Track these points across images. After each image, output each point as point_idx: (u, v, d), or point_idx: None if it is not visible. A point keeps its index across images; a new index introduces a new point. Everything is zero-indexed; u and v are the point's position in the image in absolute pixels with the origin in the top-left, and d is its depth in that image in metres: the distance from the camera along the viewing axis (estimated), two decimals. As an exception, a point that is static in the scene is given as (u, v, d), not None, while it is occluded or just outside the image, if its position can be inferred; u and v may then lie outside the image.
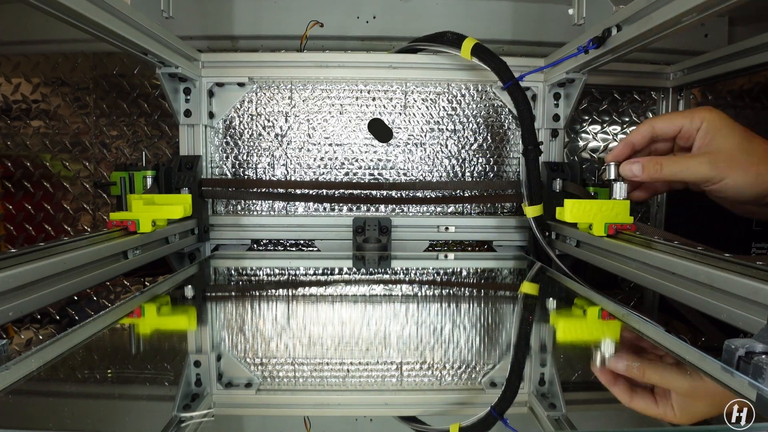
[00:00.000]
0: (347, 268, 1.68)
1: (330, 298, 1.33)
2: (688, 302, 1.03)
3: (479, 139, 1.98)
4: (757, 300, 0.84)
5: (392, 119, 1.96)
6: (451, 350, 0.97)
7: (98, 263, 1.20)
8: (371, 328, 1.11)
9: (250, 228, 1.94)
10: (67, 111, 2.19)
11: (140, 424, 0.69)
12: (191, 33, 2.10)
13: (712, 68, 1.92)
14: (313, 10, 2.06)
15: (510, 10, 2.14)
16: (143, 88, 2.18)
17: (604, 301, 1.15)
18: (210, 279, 1.57)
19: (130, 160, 2.19)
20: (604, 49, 1.43)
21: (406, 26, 2.11)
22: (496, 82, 1.82)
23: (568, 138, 2.22)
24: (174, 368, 0.87)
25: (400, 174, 1.98)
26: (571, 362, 0.92)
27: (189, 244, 1.75)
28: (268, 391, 0.79)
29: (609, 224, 1.38)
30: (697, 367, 0.78)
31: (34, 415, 0.68)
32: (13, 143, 2.20)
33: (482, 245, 2.11)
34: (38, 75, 2.18)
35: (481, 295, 1.42)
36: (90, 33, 1.26)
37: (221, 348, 0.97)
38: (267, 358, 0.92)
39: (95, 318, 0.97)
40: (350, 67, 1.90)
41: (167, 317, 1.16)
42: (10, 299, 0.92)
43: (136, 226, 1.42)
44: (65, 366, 0.82)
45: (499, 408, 0.74)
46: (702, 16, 1.12)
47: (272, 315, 1.20)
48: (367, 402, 0.79)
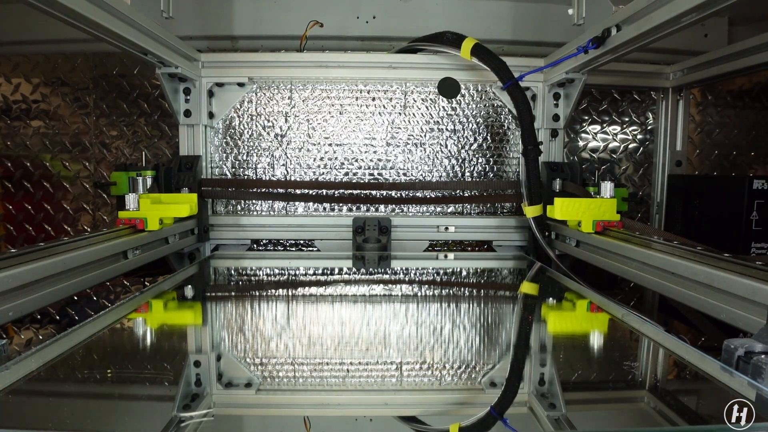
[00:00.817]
0: (347, 268, 1.68)
1: (330, 298, 1.33)
2: (687, 302, 1.03)
3: (479, 139, 1.98)
4: (756, 300, 0.84)
5: (392, 119, 1.97)
6: (451, 350, 0.97)
7: (98, 263, 1.20)
8: (371, 328, 1.11)
9: (250, 228, 1.94)
10: (67, 111, 2.19)
11: (140, 424, 0.69)
12: (191, 33, 2.10)
13: (711, 68, 1.92)
14: (313, 11, 2.06)
15: (510, 10, 2.14)
16: (143, 88, 2.18)
17: (604, 301, 1.15)
18: (210, 279, 1.57)
19: (130, 160, 2.19)
20: (604, 49, 1.43)
21: (405, 26, 2.11)
22: (495, 82, 1.82)
23: (567, 138, 2.22)
24: (174, 368, 0.87)
25: (400, 174, 1.98)
26: (570, 362, 0.92)
27: (189, 244, 1.75)
28: (268, 391, 0.79)
29: (597, 221, 1.44)
30: (696, 367, 0.78)
31: (34, 415, 0.68)
32: (13, 143, 2.20)
33: (482, 245, 2.11)
34: (38, 75, 2.18)
35: (480, 295, 1.42)
36: (90, 33, 1.26)
37: (221, 348, 0.97)
38: (267, 358, 0.92)
39: (95, 318, 0.97)
40: (350, 67, 1.90)
41: (167, 317, 1.16)
42: (10, 299, 0.92)
43: (144, 224, 1.44)
44: (65, 366, 0.82)
45: (499, 408, 0.74)
46: (702, 16, 1.13)
47: (272, 315, 1.20)
48: (367, 402, 0.79)
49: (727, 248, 1.08)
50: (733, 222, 1.79)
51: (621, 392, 0.80)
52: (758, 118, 2.32)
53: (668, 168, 2.20)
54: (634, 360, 0.93)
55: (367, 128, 1.97)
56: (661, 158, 2.22)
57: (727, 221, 1.83)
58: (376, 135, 1.97)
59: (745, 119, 2.31)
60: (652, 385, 0.81)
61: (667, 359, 0.89)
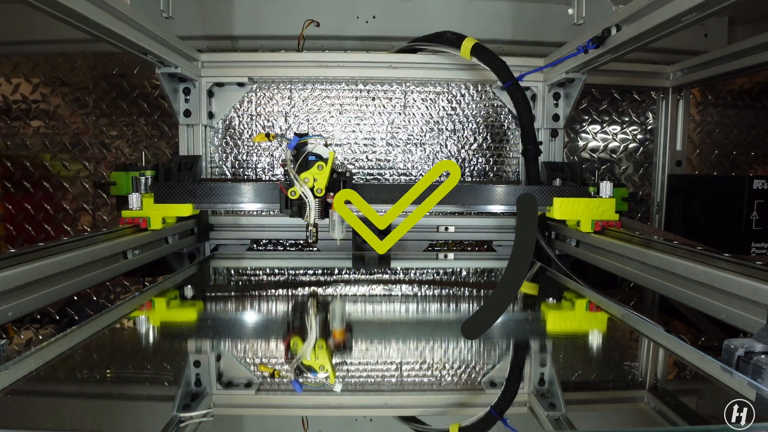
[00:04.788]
0: (347, 268, 1.68)
1: (330, 298, 1.33)
2: (688, 302, 1.03)
3: (479, 139, 1.98)
4: (756, 300, 0.84)
5: (392, 119, 1.96)
6: (450, 350, 0.97)
7: (98, 263, 1.20)
8: (371, 328, 1.11)
9: (250, 228, 1.94)
10: (66, 111, 2.19)
11: (140, 424, 0.69)
12: (191, 33, 2.10)
13: (712, 68, 1.92)
14: (312, 10, 2.06)
15: (510, 10, 2.14)
16: (143, 88, 2.18)
17: (604, 301, 1.15)
18: (210, 279, 1.57)
19: (129, 160, 2.19)
20: (604, 49, 1.43)
21: (405, 26, 2.11)
22: (495, 82, 1.82)
23: (567, 138, 2.22)
24: (174, 368, 0.87)
25: (400, 174, 1.98)
26: (570, 362, 0.92)
27: (189, 244, 1.75)
28: (268, 391, 0.79)
29: (595, 221, 1.45)
30: (696, 367, 0.78)
31: (34, 415, 0.68)
32: (13, 143, 2.19)
33: (482, 245, 2.11)
34: (38, 75, 2.18)
35: (480, 295, 1.42)
36: (90, 33, 1.26)
37: (221, 348, 0.97)
38: (267, 358, 0.92)
39: (95, 318, 0.97)
40: (350, 67, 1.90)
41: (167, 317, 1.16)
42: (10, 299, 0.92)
43: (147, 224, 1.44)
44: (65, 366, 0.82)
45: (499, 408, 0.74)
46: (702, 16, 1.13)
47: (272, 315, 1.20)
48: (367, 402, 0.79)
49: (727, 248, 1.08)
50: (733, 222, 1.79)
51: (621, 392, 0.80)
52: (758, 118, 2.32)
53: (668, 168, 2.21)
54: (634, 360, 0.93)
55: (367, 128, 1.97)
56: (661, 158, 2.22)
57: (727, 221, 1.82)
58: (376, 135, 1.97)
59: (745, 119, 2.31)
60: (652, 385, 0.81)
61: (667, 359, 0.89)
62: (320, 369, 0.84)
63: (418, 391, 0.81)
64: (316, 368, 0.85)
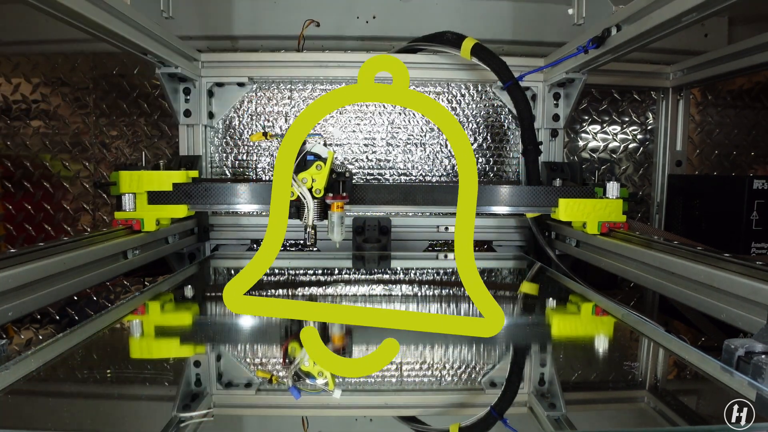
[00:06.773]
0: (347, 268, 1.68)
1: (330, 298, 1.33)
2: (688, 302, 1.03)
3: (479, 139, 1.98)
4: (756, 300, 0.84)
5: (392, 119, 1.96)
6: (451, 350, 0.96)
7: (98, 263, 1.20)
8: (371, 328, 1.11)
9: (250, 228, 1.94)
10: (67, 111, 2.19)
11: (140, 424, 0.69)
12: (191, 33, 2.10)
13: (712, 68, 1.92)
14: (312, 11, 2.06)
15: (510, 10, 2.14)
16: (143, 88, 2.18)
17: (604, 301, 1.15)
18: (210, 279, 1.57)
19: (129, 160, 2.19)
20: (604, 49, 1.43)
21: (405, 26, 2.11)
22: (495, 82, 1.82)
23: (567, 138, 2.22)
24: (174, 368, 0.87)
25: (400, 174, 1.98)
26: (570, 362, 0.92)
27: (189, 244, 1.75)
28: (268, 391, 0.79)
29: (602, 222, 1.42)
30: (697, 367, 0.78)
31: (34, 415, 0.68)
32: (13, 143, 2.19)
33: (482, 245, 2.11)
34: (38, 75, 2.18)
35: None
36: (90, 33, 1.26)
37: (221, 348, 0.97)
38: (267, 358, 0.92)
39: (95, 318, 0.97)
40: (350, 67, 1.90)
41: (167, 317, 1.16)
42: (10, 299, 0.92)
43: (140, 225, 1.43)
44: (65, 366, 0.82)
45: (499, 408, 0.74)
46: (702, 16, 1.13)
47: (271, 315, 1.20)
48: (367, 402, 0.79)
49: (727, 248, 1.08)
50: (733, 222, 1.79)
51: (621, 392, 0.80)
52: (758, 118, 2.32)
53: (668, 168, 2.20)
54: (634, 360, 0.93)
55: (367, 128, 1.97)
56: (661, 158, 2.22)
57: (727, 221, 1.82)
58: (376, 135, 1.97)
59: (745, 119, 2.31)
60: (652, 385, 0.81)
61: (667, 359, 0.89)
62: (319, 375, 0.84)
63: (418, 391, 0.81)
64: (314, 374, 0.84)
